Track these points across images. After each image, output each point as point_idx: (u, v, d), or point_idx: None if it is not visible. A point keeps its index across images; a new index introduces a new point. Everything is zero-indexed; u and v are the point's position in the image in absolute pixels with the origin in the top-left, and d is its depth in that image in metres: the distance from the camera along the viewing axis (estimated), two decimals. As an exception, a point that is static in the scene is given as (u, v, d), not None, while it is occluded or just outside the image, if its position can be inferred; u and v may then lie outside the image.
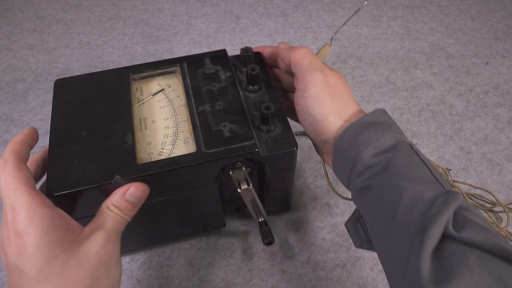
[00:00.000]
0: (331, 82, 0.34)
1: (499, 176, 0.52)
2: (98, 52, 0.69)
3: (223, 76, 0.40)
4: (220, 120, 0.36)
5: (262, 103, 0.34)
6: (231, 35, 0.72)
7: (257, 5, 0.79)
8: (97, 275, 0.27)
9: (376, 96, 0.61)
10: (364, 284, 0.42)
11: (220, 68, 0.41)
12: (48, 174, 0.33)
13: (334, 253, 0.44)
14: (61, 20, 0.77)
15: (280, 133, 0.36)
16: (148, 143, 0.36)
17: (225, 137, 0.35)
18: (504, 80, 0.64)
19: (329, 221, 0.47)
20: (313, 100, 0.33)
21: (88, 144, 0.35)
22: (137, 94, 0.41)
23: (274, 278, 0.43)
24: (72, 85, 0.40)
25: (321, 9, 0.78)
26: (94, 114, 0.37)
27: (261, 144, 0.35)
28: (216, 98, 0.38)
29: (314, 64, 0.35)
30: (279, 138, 0.35)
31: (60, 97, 0.40)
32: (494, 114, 0.59)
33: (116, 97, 0.38)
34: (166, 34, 0.73)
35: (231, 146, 0.34)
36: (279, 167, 0.37)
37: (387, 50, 0.69)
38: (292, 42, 0.70)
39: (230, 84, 0.39)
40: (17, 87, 0.64)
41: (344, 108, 0.33)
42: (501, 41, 0.71)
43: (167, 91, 0.41)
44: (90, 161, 0.33)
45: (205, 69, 0.41)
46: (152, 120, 0.38)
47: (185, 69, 0.41)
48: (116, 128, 0.36)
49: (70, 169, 0.33)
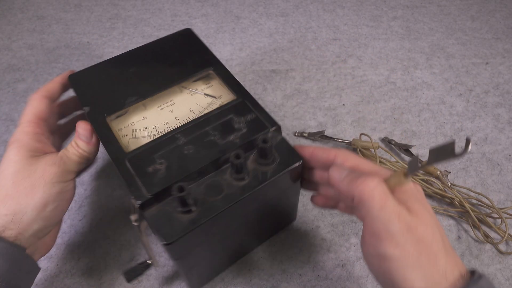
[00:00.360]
0: (418, 235, 0.25)
1: (499, 176, 0.52)
2: (98, 52, 0.69)
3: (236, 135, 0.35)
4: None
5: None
6: (231, 35, 0.72)
7: (257, 5, 0.79)
8: (35, 183, 0.33)
9: (376, 96, 0.61)
10: (364, 284, 0.42)
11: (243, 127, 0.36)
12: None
13: (334, 253, 0.44)
14: (61, 20, 0.77)
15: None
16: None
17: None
18: (504, 80, 0.64)
19: (329, 221, 0.47)
20: (390, 264, 0.25)
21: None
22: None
23: (274, 278, 0.43)
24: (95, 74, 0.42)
25: (321, 9, 0.78)
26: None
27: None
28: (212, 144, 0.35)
29: (390, 207, 0.26)
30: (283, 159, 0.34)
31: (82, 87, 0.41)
32: (494, 114, 0.59)
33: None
34: (166, 34, 0.73)
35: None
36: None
37: (387, 50, 0.69)
38: (292, 42, 0.71)
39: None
40: (17, 87, 0.64)
41: (434, 273, 0.25)
42: (501, 41, 0.71)
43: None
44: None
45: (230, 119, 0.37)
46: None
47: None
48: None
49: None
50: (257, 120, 0.36)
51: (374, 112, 0.59)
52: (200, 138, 0.35)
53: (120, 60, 0.43)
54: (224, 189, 0.33)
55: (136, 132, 0.37)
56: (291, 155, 0.35)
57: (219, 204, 0.32)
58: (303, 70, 0.65)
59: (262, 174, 0.34)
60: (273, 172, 0.34)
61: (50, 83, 0.39)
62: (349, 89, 0.62)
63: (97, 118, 0.37)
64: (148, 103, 0.40)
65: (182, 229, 0.31)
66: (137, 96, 0.39)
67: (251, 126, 0.36)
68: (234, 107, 0.37)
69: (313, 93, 0.61)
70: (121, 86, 0.40)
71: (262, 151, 0.33)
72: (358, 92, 0.62)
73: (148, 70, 0.41)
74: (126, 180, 0.33)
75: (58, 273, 0.43)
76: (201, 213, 0.31)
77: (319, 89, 0.62)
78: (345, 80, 0.64)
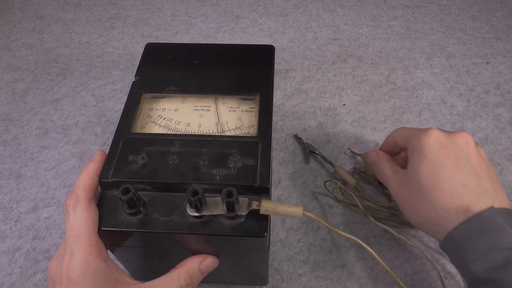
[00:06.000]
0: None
1: (500, 176, 0.51)
2: (98, 52, 0.69)
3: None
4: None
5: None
6: (231, 34, 0.72)
7: (257, 5, 0.79)
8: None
9: (376, 96, 0.61)
10: (364, 284, 0.42)
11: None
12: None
13: (334, 253, 0.44)
14: (61, 19, 0.76)
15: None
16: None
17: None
18: (505, 79, 0.64)
19: (329, 221, 0.47)
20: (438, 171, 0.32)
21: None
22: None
23: (274, 278, 0.43)
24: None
25: (321, 8, 0.78)
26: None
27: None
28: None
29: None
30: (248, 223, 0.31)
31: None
32: (494, 114, 0.59)
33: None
34: (166, 34, 0.73)
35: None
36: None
37: (387, 49, 0.69)
38: (292, 42, 0.70)
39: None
40: (17, 87, 0.64)
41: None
42: (502, 41, 0.70)
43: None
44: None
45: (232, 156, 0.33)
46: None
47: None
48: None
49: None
50: (252, 169, 0.32)
51: (374, 112, 0.59)
52: (190, 155, 0.33)
53: (195, 48, 0.44)
54: (174, 214, 0.31)
55: (159, 119, 0.37)
56: (259, 224, 0.30)
57: (159, 224, 0.30)
58: (303, 70, 0.65)
59: (217, 224, 0.30)
60: (228, 229, 0.30)
61: (89, 179, 0.31)
62: (349, 89, 0.62)
63: (135, 90, 0.38)
64: (188, 98, 0.40)
65: (115, 224, 0.30)
66: (180, 88, 0.39)
67: (242, 171, 0.32)
68: (244, 143, 0.34)
69: (313, 93, 0.61)
70: (174, 72, 0.41)
71: (224, 201, 0.29)
72: (358, 92, 0.62)
73: (207, 69, 0.41)
74: (109, 155, 0.33)
75: (57, 273, 0.43)
76: (138, 222, 0.30)
77: (319, 89, 0.62)
78: (345, 80, 0.63)
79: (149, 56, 0.42)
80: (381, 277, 0.42)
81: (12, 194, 0.50)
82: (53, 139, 0.56)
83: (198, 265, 0.31)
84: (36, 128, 0.58)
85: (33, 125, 0.58)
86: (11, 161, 0.54)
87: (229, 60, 0.42)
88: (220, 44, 0.45)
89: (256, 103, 0.39)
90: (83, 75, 0.65)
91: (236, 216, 0.30)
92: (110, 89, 0.63)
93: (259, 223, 0.30)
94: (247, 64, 0.42)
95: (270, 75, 0.41)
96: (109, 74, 0.65)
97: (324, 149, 0.54)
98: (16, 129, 0.58)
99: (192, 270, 0.30)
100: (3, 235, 0.47)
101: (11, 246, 0.46)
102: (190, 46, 0.44)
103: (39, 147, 0.55)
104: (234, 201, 0.29)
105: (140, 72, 0.40)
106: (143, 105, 0.38)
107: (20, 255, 0.45)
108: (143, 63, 0.42)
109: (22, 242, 0.46)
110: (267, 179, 0.31)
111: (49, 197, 0.50)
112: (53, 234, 0.46)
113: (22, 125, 0.58)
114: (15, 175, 0.52)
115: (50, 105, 0.61)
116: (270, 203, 0.30)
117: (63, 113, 0.59)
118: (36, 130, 0.57)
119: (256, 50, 0.44)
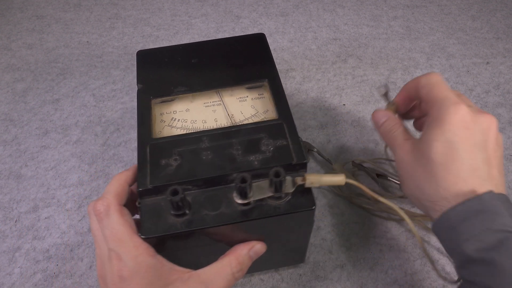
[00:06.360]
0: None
1: (499, 176, 0.51)
2: (98, 52, 0.69)
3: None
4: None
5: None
6: (231, 34, 0.72)
7: (257, 5, 0.79)
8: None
9: (376, 96, 0.61)
10: (365, 284, 0.42)
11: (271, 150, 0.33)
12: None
13: (334, 253, 0.44)
14: (61, 19, 0.76)
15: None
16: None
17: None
18: (505, 80, 0.64)
19: (329, 221, 0.47)
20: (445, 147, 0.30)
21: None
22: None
23: (274, 278, 0.43)
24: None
25: (321, 8, 0.78)
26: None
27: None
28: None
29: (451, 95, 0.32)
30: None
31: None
32: (494, 114, 0.59)
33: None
34: (166, 34, 0.73)
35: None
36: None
37: (387, 49, 0.69)
38: (292, 42, 0.70)
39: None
40: (16, 87, 0.64)
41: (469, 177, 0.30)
42: (502, 41, 0.70)
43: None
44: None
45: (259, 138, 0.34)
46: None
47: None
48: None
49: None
50: (285, 149, 0.33)
51: (374, 112, 0.59)
52: (222, 147, 0.34)
53: (188, 48, 0.43)
54: (222, 206, 0.31)
55: (174, 121, 0.37)
56: (306, 197, 0.32)
57: (210, 220, 0.31)
58: (303, 70, 0.65)
59: (266, 207, 0.31)
60: (278, 209, 0.31)
61: (120, 186, 0.32)
62: (349, 89, 0.62)
63: (143, 98, 0.38)
64: (196, 97, 0.40)
65: (163, 229, 0.30)
66: (187, 87, 0.39)
67: (277, 153, 0.33)
68: (270, 127, 0.35)
69: (313, 93, 0.61)
70: (176, 73, 0.40)
71: (272, 183, 0.30)
72: (358, 92, 0.62)
73: (208, 65, 0.41)
74: (138, 163, 0.33)
75: (58, 273, 0.43)
76: (188, 221, 0.31)
77: (319, 89, 0.62)
78: (345, 80, 0.63)
79: (144, 63, 0.42)
80: (381, 277, 0.42)
81: (12, 194, 0.50)
82: (53, 139, 0.56)
83: (248, 252, 0.31)
84: (36, 128, 0.58)
85: (33, 125, 0.58)
86: (11, 161, 0.54)
87: (225, 53, 0.43)
88: (211, 40, 0.45)
89: (266, 89, 0.40)
90: (83, 75, 0.65)
91: (281, 197, 0.31)
92: (110, 89, 0.63)
93: (305, 198, 0.32)
94: (244, 54, 0.43)
95: (271, 60, 0.42)
96: (109, 74, 0.65)
97: (324, 149, 0.54)
98: (16, 129, 0.58)
99: (242, 257, 0.31)
100: (3, 235, 0.47)
101: (11, 246, 0.46)
102: (183, 47, 0.44)
103: (39, 147, 0.55)
104: (283, 180, 0.30)
105: (142, 80, 0.40)
106: (155, 111, 0.38)
107: (20, 255, 0.45)
108: (141, 70, 0.41)
109: (22, 242, 0.46)
110: (302, 155, 0.33)
111: (49, 197, 0.50)
112: (53, 234, 0.46)
113: (22, 125, 0.58)
114: (15, 175, 0.52)
115: (50, 105, 0.61)
116: (314, 175, 0.31)
117: (63, 113, 0.60)
118: (36, 130, 0.57)
119: (248, 40, 0.45)
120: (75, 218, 0.48)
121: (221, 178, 0.32)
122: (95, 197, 0.49)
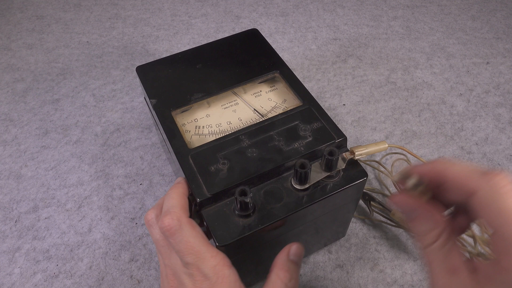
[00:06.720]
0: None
1: (499, 176, 0.51)
2: (98, 52, 0.69)
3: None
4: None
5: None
6: (231, 34, 0.72)
7: (257, 5, 0.79)
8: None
9: (376, 96, 0.61)
10: (364, 284, 0.42)
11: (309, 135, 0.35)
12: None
13: (334, 253, 0.44)
14: (61, 19, 0.76)
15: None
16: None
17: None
18: (505, 80, 0.64)
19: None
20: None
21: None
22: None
23: (274, 278, 0.43)
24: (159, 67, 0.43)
25: (321, 8, 0.78)
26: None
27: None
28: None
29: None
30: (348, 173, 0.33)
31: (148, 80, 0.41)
32: (495, 114, 0.59)
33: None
34: (166, 34, 0.73)
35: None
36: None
37: (387, 49, 0.69)
38: (292, 42, 0.70)
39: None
40: (16, 87, 0.64)
41: None
42: (502, 41, 0.70)
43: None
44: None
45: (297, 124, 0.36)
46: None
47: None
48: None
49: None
50: (323, 130, 0.35)
51: (374, 112, 0.59)
52: (264, 142, 0.34)
53: (187, 55, 0.43)
54: (284, 197, 0.32)
55: (199, 129, 0.37)
56: (356, 169, 0.33)
57: (278, 212, 0.31)
58: (303, 70, 0.65)
59: (324, 186, 0.32)
60: (336, 185, 0.33)
61: (182, 198, 0.32)
62: (349, 89, 0.62)
63: (163, 111, 0.38)
64: (212, 101, 0.40)
65: (238, 232, 0.30)
66: (203, 93, 0.39)
67: (317, 135, 0.35)
68: (300, 113, 0.36)
69: (313, 93, 0.61)
70: (187, 82, 0.40)
71: (328, 163, 0.31)
72: (358, 92, 0.62)
73: (214, 68, 0.42)
74: (187, 176, 0.32)
75: (58, 273, 0.43)
76: (258, 219, 0.31)
77: (319, 89, 0.62)
78: (345, 80, 0.63)
79: (148, 77, 0.41)
80: (381, 277, 0.42)
81: (12, 194, 0.50)
82: (53, 139, 0.56)
83: (287, 257, 0.30)
84: (36, 128, 0.58)
85: (33, 125, 0.58)
86: (11, 161, 0.54)
87: (226, 54, 0.43)
88: (206, 44, 0.45)
89: (277, 80, 0.41)
90: (83, 75, 0.65)
91: (332, 175, 0.32)
92: (110, 89, 0.63)
93: (356, 170, 0.33)
94: (246, 51, 0.43)
95: (274, 51, 0.43)
96: (109, 74, 0.65)
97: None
98: (16, 129, 0.58)
99: (285, 264, 0.30)
100: (3, 235, 0.47)
101: (11, 246, 0.46)
102: (182, 55, 0.44)
103: (39, 147, 0.55)
104: (339, 157, 0.31)
105: (153, 94, 0.39)
106: (178, 123, 0.38)
107: (20, 255, 0.45)
108: (148, 85, 0.40)
109: (22, 242, 0.46)
110: (340, 132, 0.35)
111: (49, 197, 0.50)
112: (53, 234, 0.46)
113: (22, 125, 0.58)
114: (15, 175, 0.52)
115: (50, 105, 0.61)
116: (360, 147, 0.33)
117: (63, 113, 0.60)
118: (36, 130, 0.57)
119: (242, 37, 0.45)
120: (75, 218, 0.48)
121: (274, 170, 0.33)
122: (95, 197, 0.49)
